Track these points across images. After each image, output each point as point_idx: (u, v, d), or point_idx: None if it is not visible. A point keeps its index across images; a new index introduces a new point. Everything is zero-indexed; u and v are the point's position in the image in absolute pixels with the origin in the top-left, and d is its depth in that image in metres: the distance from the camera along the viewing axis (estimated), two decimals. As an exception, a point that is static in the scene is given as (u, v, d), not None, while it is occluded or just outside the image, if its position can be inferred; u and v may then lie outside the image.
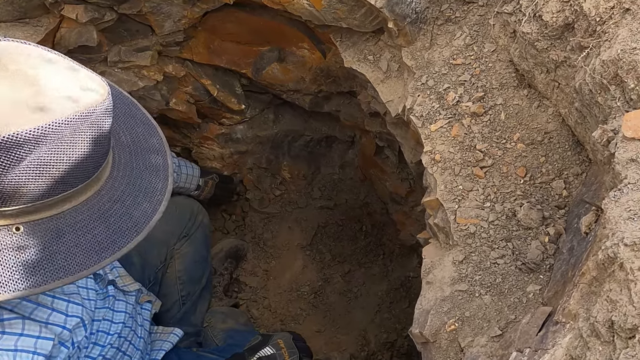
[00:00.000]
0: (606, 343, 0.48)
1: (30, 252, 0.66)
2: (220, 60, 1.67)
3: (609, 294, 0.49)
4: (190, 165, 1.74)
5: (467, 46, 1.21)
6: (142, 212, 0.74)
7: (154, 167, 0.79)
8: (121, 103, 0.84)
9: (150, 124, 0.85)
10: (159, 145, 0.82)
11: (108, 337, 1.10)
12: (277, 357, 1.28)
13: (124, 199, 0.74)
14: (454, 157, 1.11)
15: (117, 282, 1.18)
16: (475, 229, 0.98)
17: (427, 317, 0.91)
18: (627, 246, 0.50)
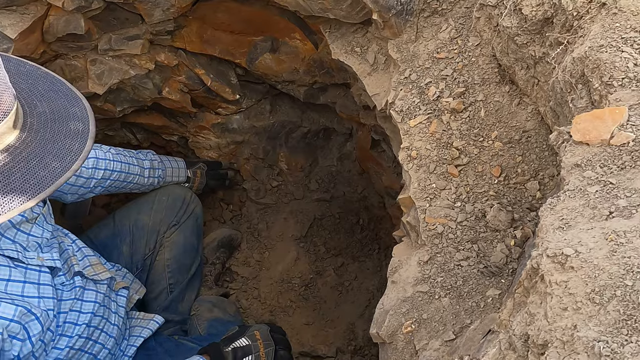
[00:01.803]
0: (520, 357, 0.46)
1: None
2: (214, 50, 1.66)
3: (529, 306, 0.47)
4: (174, 159, 1.75)
5: (451, 39, 1.18)
6: (50, 171, 0.73)
7: (72, 132, 0.79)
8: (42, 79, 0.85)
9: (74, 96, 0.85)
10: (81, 113, 0.82)
11: (76, 328, 1.12)
12: (252, 349, 1.28)
13: (29, 159, 0.73)
14: (430, 154, 1.08)
15: (87, 272, 1.20)
16: (443, 229, 0.96)
17: (385, 317, 0.89)
18: (548, 257, 0.47)
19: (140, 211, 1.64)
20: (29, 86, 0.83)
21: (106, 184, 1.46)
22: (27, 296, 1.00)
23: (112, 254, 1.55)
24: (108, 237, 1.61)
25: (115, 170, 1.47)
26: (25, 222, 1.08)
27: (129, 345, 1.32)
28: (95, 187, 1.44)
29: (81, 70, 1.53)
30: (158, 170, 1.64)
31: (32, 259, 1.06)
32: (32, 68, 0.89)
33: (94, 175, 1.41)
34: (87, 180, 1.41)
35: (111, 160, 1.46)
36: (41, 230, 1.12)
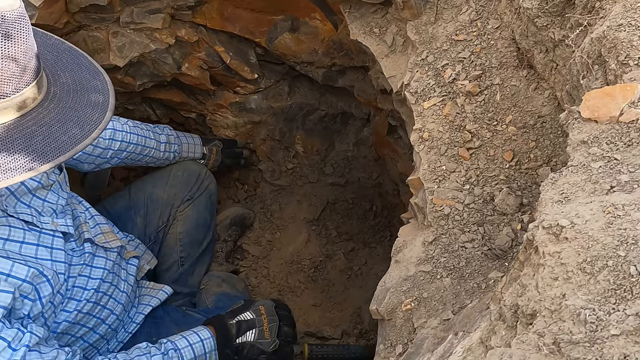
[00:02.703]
0: (509, 328, 0.45)
1: None
2: (234, 28, 1.67)
3: (522, 278, 0.46)
4: (190, 135, 1.77)
5: (471, 22, 1.16)
6: (70, 137, 0.76)
7: (93, 103, 0.82)
8: (66, 52, 0.88)
9: (96, 70, 0.88)
10: (102, 86, 0.85)
11: (84, 293, 1.15)
12: (256, 323, 1.30)
13: (52, 124, 0.76)
14: (442, 136, 1.07)
15: (97, 239, 1.23)
16: (450, 211, 0.95)
17: (385, 295, 0.89)
18: (544, 229, 0.46)
19: (156, 185, 1.67)
20: (54, 58, 0.87)
21: (122, 155, 1.49)
22: (40, 259, 1.03)
23: (126, 225, 1.58)
24: (123, 208, 1.64)
25: (132, 142, 1.49)
26: (41, 189, 1.11)
27: (137, 312, 1.35)
28: (112, 158, 1.46)
29: (103, 42, 1.55)
30: (174, 145, 1.66)
31: (46, 223, 1.09)
32: (57, 41, 0.92)
33: (110, 146, 1.44)
34: (104, 151, 1.43)
35: (128, 132, 1.48)
36: (56, 197, 1.15)
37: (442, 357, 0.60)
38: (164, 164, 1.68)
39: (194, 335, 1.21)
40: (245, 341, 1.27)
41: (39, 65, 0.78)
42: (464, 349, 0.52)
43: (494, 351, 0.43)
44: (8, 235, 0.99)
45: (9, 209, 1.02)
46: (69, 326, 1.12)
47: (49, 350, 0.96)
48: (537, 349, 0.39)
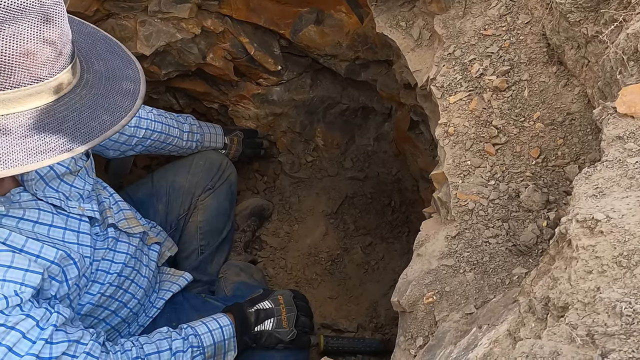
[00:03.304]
0: (539, 320, 0.45)
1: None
2: (259, 19, 1.68)
3: (553, 271, 0.46)
4: (212, 125, 1.78)
5: (500, 16, 1.14)
6: (100, 123, 0.77)
7: (124, 91, 0.83)
8: (101, 41, 0.90)
9: (129, 58, 0.89)
10: (134, 75, 0.86)
11: (108, 276, 1.17)
12: (275, 312, 1.31)
13: (82, 110, 0.77)
14: (467, 131, 1.06)
15: (120, 225, 1.25)
16: (474, 206, 0.94)
17: (407, 287, 0.89)
18: (578, 222, 0.46)
19: (177, 173, 1.69)
20: (89, 45, 0.88)
21: (147, 143, 1.51)
22: (67, 242, 1.05)
23: (148, 212, 1.61)
24: (145, 195, 1.67)
25: (156, 130, 1.51)
26: (69, 174, 1.14)
27: (158, 297, 1.37)
28: (137, 145, 1.49)
29: (131, 31, 1.57)
30: (196, 135, 1.68)
31: (73, 208, 1.11)
32: (93, 30, 0.93)
33: (135, 134, 1.46)
34: (129, 138, 1.46)
35: (153, 120, 1.50)
36: (83, 183, 1.17)
37: (466, 349, 0.60)
38: (186, 152, 1.70)
39: (213, 321, 1.23)
40: (264, 330, 1.28)
41: (74, 51, 0.80)
42: (490, 340, 0.52)
43: (523, 342, 0.43)
44: (37, 218, 1.01)
45: (38, 193, 1.04)
46: (92, 308, 1.14)
47: (74, 330, 0.98)
48: (570, 340, 0.39)
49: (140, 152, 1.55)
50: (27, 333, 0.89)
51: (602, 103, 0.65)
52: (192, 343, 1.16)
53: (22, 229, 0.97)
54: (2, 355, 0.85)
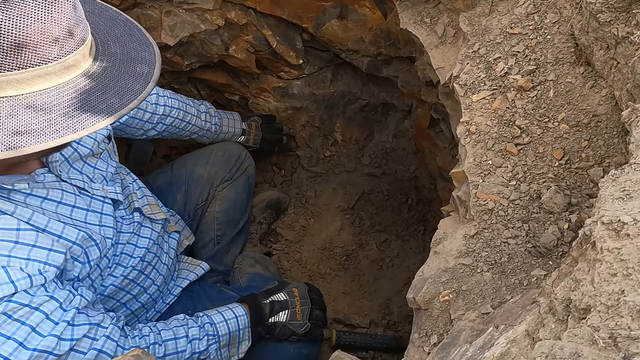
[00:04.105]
0: (559, 321, 0.44)
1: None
2: (283, 12, 1.68)
3: (576, 273, 0.46)
4: (229, 112, 1.79)
5: (528, 15, 1.13)
6: (108, 106, 0.76)
7: (138, 74, 0.82)
8: (121, 24, 0.89)
9: (147, 41, 0.88)
10: (149, 57, 0.85)
11: (131, 260, 1.18)
12: (289, 304, 1.32)
13: (91, 93, 0.76)
14: (490, 130, 1.05)
15: (145, 210, 1.26)
16: (494, 206, 0.94)
17: (423, 284, 0.89)
18: (603, 224, 0.45)
19: (196, 163, 1.71)
20: (107, 29, 0.88)
21: (167, 121, 1.51)
22: (89, 223, 1.07)
23: (167, 201, 1.63)
24: (165, 184, 1.69)
25: (174, 107, 1.52)
26: (92, 156, 1.15)
27: (175, 285, 1.39)
28: (158, 123, 1.49)
29: (156, 21, 1.59)
30: (214, 118, 1.68)
31: (97, 190, 1.12)
32: (114, 13, 0.93)
33: (156, 111, 1.47)
34: (151, 115, 1.46)
35: (170, 97, 1.52)
36: (106, 165, 1.19)
37: (482, 348, 0.60)
38: (206, 136, 1.68)
39: (229, 311, 1.24)
40: (278, 321, 1.29)
41: (87, 33, 0.79)
42: (507, 340, 0.52)
43: (542, 343, 0.43)
44: (60, 199, 1.03)
45: (62, 174, 1.06)
46: (115, 290, 1.16)
47: (96, 313, 1.00)
48: (591, 342, 0.39)
49: (161, 132, 1.54)
50: (51, 314, 0.90)
51: (631, 105, 0.64)
52: (207, 331, 1.17)
53: (45, 209, 0.98)
54: (26, 335, 0.87)
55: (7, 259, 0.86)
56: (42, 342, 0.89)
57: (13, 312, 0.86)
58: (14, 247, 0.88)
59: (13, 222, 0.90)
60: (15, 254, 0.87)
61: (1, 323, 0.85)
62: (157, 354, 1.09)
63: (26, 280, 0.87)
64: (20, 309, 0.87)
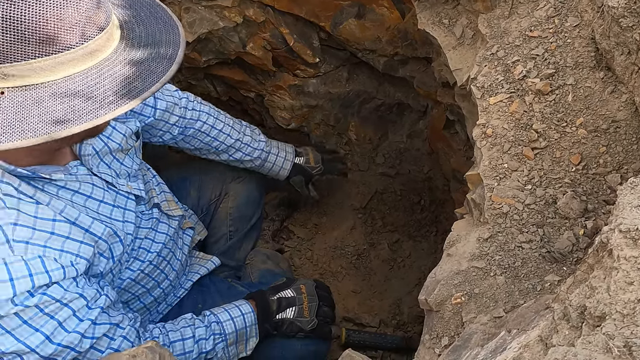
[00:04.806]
0: (574, 328, 0.44)
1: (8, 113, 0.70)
2: (300, 10, 1.68)
3: (591, 280, 0.45)
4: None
5: (548, 18, 1.12)
6: (131, 90, 0.76)
7: (161, 56, 0.81)
8: (147, 7, 0.89)
9: (172, 23, 0.87)
10: (174, 39, 0.84)
11: (148, 255, 1.20)
12: (296, 301, 1.32)
13: (116, 77, 0.76)
14: (506, 133, 1.05)
15: (162, 206, 1.27)
16: (509, 210, 0.93)
17: (436, 286, 0.89)
18: (621, 232, 0.45)
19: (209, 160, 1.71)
20: (133, 12, 0.87)
21: (197, 125, 1.45)
22: (114, 219, 1.08)
23: (181, 195, 1.64)
24: (179, 179, 1.70)
25: (204, 111, 1.45)
26: (120, 152, 1.16)
27: (186, 279, 1.40)
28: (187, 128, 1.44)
29: (175, 17, 1.60)
30: (260, 136, 1.56)
31: (122, 185, 1.14)
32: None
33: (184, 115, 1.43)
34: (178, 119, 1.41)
35: (200, 103, 1.46)
36: (131, 162, 1.20)
37: (494, 352, 0.60)
38: (250, 155, 1.53)
39: (235, 309, 1.25)
40: (285, 318, 1.30)
41: (109, 17, 0.79)
42: (520, 345, 0.52)
43: (555, 349, 0.43)
44: (90, 193, 1.03)
45: (93, 168, 1.07)
46: (131, 284, 1.18)
47: (116, 314, 1.01)
48: (606, 350, 0.39)
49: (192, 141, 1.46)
50: (77, 311, 0.92)
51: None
52: (214, 330, 1.19)
53: (74, 203, 0.99)
54: (53, 329, 0.89)
55: (42, 249, 0.87)
56: (66, 338, 0.90)
57: (45, 305, 0.87)
58: (49, 238, 0.89)
59: (49, 213, 0.91)
60: (51, 244, 0.89)
61: (33, 315, 0.87)
62: None
63: (60, 272, 0.88)
64: (52, 304, 0.88)
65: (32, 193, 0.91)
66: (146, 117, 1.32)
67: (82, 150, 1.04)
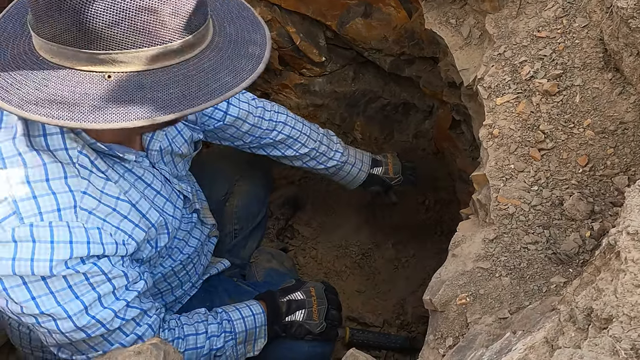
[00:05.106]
0: (580, 330, 0.44)
1: (116, 96, 0.76)
2: (307, 9, 1.68)
3: (598, 282, 0.45)
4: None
5: (556, 18, 1.11)
6: (221, 85, 0.81)
7: (249, 54, 0.85)
8: (235, 6, 0.93)
9: (258, 23, 0.91)
10: (261, 39, 0.88)
11: (180, 255, 1.23)
12: (306, 304, 1.32)
13: (207, 72, 0.81)
14: (513, 134, 1.04)
15: (200, 213, 1.30)
16: (515, 210, 0.93)
17: (440, 287, 0.89)
18: (629, 234, 0.45)
19: (221, 157, 1.72)
20: (224, 10, 0.92)
21: (280, 128, 1.45)
22: (166, 212, 1.11)
23: None
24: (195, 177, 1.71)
25: (289, 115, 1.46)
26: (179, 156, 1.20)
27: (199, 279, 1.42)
28: (274, 130, 1.44)
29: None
30: (338, 148, 1.54)
31: (175, 184, 1.18)
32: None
33: (273, 118, 1.44)
34: (269, 123, 1.43)
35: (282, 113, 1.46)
36: (183, 167, 1.24)
37: (499, 353, 0.60)
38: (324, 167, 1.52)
39: (246, 308, 1.26)
40: (294, 320, 1.29)
41: (206, 14, 0.83)
42: (525, 346, 0.52)
43: (561, 351, 0.43)
44: (150, 182, 1.07)
45: (156, 164, 1.11)
46: (160, 280, 1.20)
47: (147, 301, 1.04)
48: (612, 353, 0.39)
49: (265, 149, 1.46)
50: (117, 289, 0.95)
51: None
52: (225, 328, 1.19)
53: (136, 187, 1.03)
54: (91, 300, 0.91)
55: (102, 222, 0.92)
56: (101, 313, 0.93)
57: (91, 275, 0.90)
58: (110, 214, 0.94)
59: (115, 191, 0.96)
60: (110, 220, 0.93)
61: (78, 282, 0.89)
62: (179, 347, 1.11)
63: (113, 247, 0.92)
64: (98, 275, 0.91)
65: (105, 169, 0.95)
66: (216, 120, 1.35)
67: (150, 145, 1.09)
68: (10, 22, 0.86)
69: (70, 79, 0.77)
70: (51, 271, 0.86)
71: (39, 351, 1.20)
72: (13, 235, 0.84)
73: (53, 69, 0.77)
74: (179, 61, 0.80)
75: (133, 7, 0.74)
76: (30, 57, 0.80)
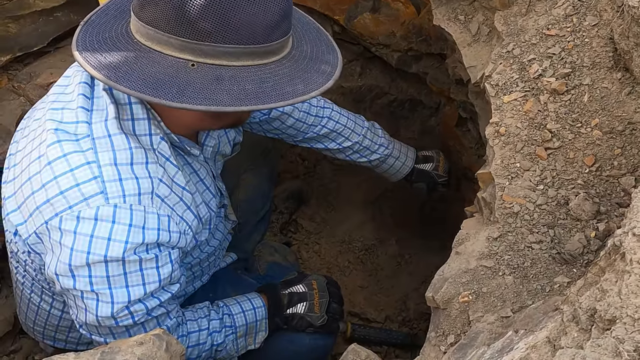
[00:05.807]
0: (583, 330, 0.44)
1: (198, 83, 0.83)
2: (315, 3, 1.68)
3: (602, 283, 0.45)
4: None
5: (566, 16, 1.10)
6: (294, 90, 0.87)
7: (321, 70, 0.93)
8: (313, 30, 1.01)
9: (333, 46, 0.99)
10: (333, 60, 0.96)
11: (206, 248, 1.25)
12: (308, 296, 1.32)
13: (282, 76, 0.88)
14: (519, 132, 1.04)
15: (227, 208, 1.33)
16: (520, 209, 0.93)
17: (443, 284, 0.89)
18: (635, 236, 0.44)
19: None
20: (303, 31, 1.00)
21: (330, 124, 1.47)
22: (211, 207, 1.16)
23: None
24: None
25: (334, 110, 1.47)
26: (221, 155, 1.25)
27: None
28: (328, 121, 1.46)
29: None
30: (382, 141, 1.54)
31: (219, 181, 1.23)
32: (309, 20, 1.06)
33: (319, 114, 1.45)
34: (315, 118, 1.44)
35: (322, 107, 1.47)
36: (220, 166, 1.28)
37: (501, 351, 0.60)
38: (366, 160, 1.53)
39: (247, 302, 1.26)
40: (295, 312, 1.30)
41: (289, 28, 0.91)
42: (527, 345, 0.52)
43: (564, 351, 0.43)
44: (203, 178, 1.12)
45: (208, 160, 1.15)
46: (187, 268, 1.21)
47: (173, 303, 1.06)
48: (615, 354, 0.38)
49: (309, 142, 1.48)
50: (160, 286, 0.98)
51: (670, 115, 0.62)
52: (225, 323, 1.21)
53: (192, 180, 1.07)
54: (137, 295, 0.95)
55: (171, 210, 0.97)
56: (136, 306, 0.97)
57: (146, 268, 0.94)
58: (177, 202, 0.99)
59: (183, 181, 1.01)
60: (177, 209, 0.98)
61: (133, 271, 0.93)
62: (183, 344, 1.12)
63: (177, 236, 0.97)
64: (152, 269, 0.95)
65: (175, 158, 1.00)
66: (262, 114, 1.38)
67: (207, 141, 1.13)
68: (112, 6, 0.95)
69: (159, 61, 0.84)
70: (123, 254, 0.91)
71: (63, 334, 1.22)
72: (97, 213, 0.90)
73: (145, 51, 0.85)
74: (259, 63, 0.87)
75: (230, 6, 0.81)
76: (126, 38, 0.88)
